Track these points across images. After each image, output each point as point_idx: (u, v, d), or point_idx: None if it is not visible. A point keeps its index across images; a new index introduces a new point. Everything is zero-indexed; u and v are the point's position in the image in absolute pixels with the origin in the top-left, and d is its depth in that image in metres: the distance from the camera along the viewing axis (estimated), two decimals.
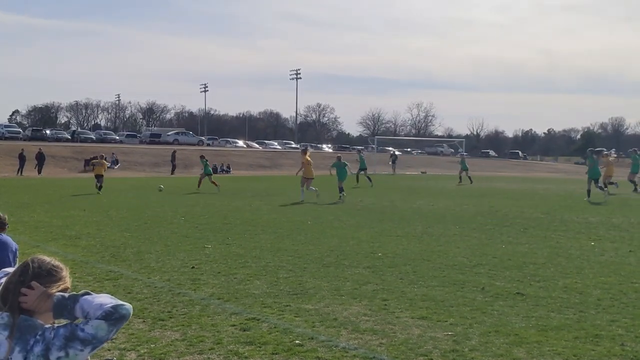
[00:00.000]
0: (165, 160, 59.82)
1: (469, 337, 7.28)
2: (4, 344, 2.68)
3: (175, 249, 13.25)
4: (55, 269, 2.94)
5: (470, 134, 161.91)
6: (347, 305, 8.71)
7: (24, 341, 2.68)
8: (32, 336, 2.69)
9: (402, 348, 6.87)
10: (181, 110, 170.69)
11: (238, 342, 7.02)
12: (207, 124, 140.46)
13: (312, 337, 7.21)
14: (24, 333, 2.70)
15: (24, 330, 2.70)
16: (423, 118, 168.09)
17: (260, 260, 12.10)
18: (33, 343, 2.68)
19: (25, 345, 2.67)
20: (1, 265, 5.10)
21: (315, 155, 76.78)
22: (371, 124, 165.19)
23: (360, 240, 14.87)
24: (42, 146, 52.05)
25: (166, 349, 6.82)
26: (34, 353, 2.66)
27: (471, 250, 13.58)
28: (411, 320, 8.02)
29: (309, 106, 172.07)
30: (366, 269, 11.31)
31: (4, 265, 5.07)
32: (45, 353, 2.65)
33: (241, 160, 66.33)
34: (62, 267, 2.97)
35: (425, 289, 9.79)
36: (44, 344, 2.67)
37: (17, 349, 2.66)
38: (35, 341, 2.68)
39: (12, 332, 2.69)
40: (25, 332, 2.70)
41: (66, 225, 17.10)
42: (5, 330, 2.70)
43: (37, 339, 2.69)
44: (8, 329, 2.70)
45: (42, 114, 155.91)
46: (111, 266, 11.42)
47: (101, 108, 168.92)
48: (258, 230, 16.48)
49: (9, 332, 2.69)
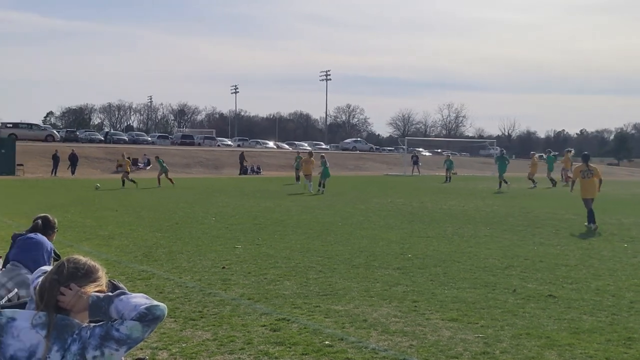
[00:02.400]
0: (196, 161, 60.21)
1: (500, 340, 7.24)
2: (42, 343, 2.72)
3: (206, 249, 13.33)
4: (91, 269, 2.97)
5: (501, 135, 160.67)
6: (377, 307, 8.70)
7: (61, 340, 2.72)
8: (70, 335, 2.73)
9: (433, 350, 6.85)
10: (212, 111, 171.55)
11: (268, 343, 7.04)
12: (237, 125, 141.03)
13: (342, 338, 7.21)
14: (62, 332, 2.73)
15: (61, 329, 2.74)
16: (454, 119, 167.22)
17: (290, 260, 12.13)
18: (70, 342, 2.71)
19: (63, 344, 2.71)
20: (35, 264, 5.17)
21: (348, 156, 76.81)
22: (401, 124, 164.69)
23: (390, 241, 14.84)
24: (75, 147, 52.65)
25: (197, 348, 6.87)
26: (71, 352, 2.69)
27: (502, 251, 13.49)
28: (441, 322, 7.99)
29: (339, 107, 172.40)
30: (396, 270, 11.28)
31: (38, 265, 5.14)
32: (82, 352, 2.69)
33: (271, 161, 66.49)
34: (98, 268, 3.00)
35: (456, 290, 9.75)
36: (80, 343, 2.70)
37: (54, 348, 2.70)
38: (72, 340, 2.72)
39: (50, 332, 2.73)
40: (62, 331, 2.74)
41: (99, 225, 17.28)
42: (43, 329, 2.74)
43: (74, 337, 2.72)
44: (45, 328, 2.74)
45: (75, 115, 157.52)
46: (143, 266, 11.53)
47: (133, 110, 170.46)
48: (288, 230, 16.52)
49: (46, 331, 2.74)
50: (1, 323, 2.80)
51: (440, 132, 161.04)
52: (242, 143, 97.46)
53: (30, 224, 5.95)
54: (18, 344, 2.75)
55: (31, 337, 2.75)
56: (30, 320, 2.78)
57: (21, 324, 2.79)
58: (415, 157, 63.89)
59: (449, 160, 48.31)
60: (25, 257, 5.28)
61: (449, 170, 46.60)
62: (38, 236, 5.51)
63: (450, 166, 46.89)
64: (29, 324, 2.77)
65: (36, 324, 2.77)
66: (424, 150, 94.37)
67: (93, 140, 78.10)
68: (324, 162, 33.31)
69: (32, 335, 2.75)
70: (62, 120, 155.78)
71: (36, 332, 2.75)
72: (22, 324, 2.79)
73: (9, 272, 5.22)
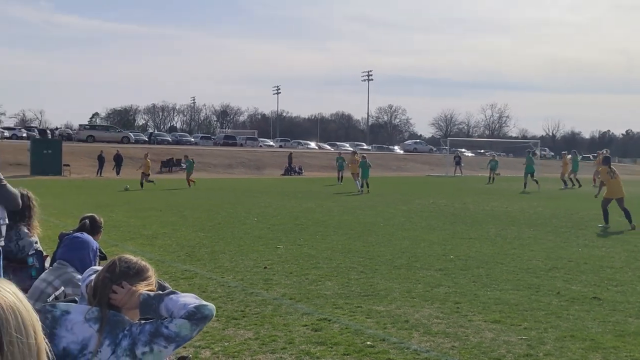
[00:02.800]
0: (239, 162, 60.58)
1: (543, 342, 7.17)
2: (94, 337, 2.79)
3: (248, 249, 13.41)
4: (142, 268, 3.06)
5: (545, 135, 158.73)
6: (418, 308, 8.68)
7: (113, 335, 2.79)
8: (121, 331, 2.80)
9: (475, 351, 6.81)
10: (254, 112, 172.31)
11: (310, 342, 7.07)
12: (279, 126, 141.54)
13: (384, 339, 7.21)
14: (113, 327, 2.81)
15: (113, 324, 2.81)
16: (497, 119, 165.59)
17: (332, 261, 12.15)
18: (121, 337, 2.78)
19: (114, 339, 2.78)
20: (81, 263, 5.26)
21: (389, 157, 76.63)
22: (443, 125, 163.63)
23: (432, 242, 14.78)
24: (120, 148, 53.34)
25: (239, 347, 6.92)
26: (122, 347, 2.76)
27: (546, 253, 13.35)
28: (484, 323, 7.94)
29: (381, 108, 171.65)
30: (438, 272, 11.24)
31: (84, 264, 5.23)
32: (132, 347, 2.75)
33: (313, 161, 66.61)
34: (148, 267, 3.09)
35: (499, 292, 9.68)
36: (131, 339, 2.77)
37: (106, 343, 2.77)
38: (123, 336, 2.79)
39: (102, 326, 2.80)
40: (114, 327, 2.81)
41: (143, 225, 17.50)
42: (96, 323, 2.82)
43: (125, 333, 2.79)
44: (98, 322, 2.82)
45: (120, 116, 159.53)
46: (186, 265, 11.65)
47: (177, 111, 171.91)
48: (329, 231, 16.54)
49: (99, 325, 2.81)
50: (55, 316, 2.87)
51: (483, 132, 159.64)
52: (284, 144, 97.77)
53: (77, 224, 6.06)
54: (71, 337, 2.83)
55: (84, 330, 2.82)
56: (84, 314, 2.86)
57: (75, 317, 2.86)
58: (458, 158, 63.39)
59: (493, 160, 47.90)
60: (72, 256, 5.37)
61: (493, 171, 46.17)
62: (84, 235, 5.60)
63: (495, 167, 46.51)
64: (82, 318, 2.85)
65: (89, 318, 2.84)
66: (467, 151, 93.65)
67: (137, 141, 79.04)
68: (363, 162, 33.39)
69: (85, 328, 2.82)
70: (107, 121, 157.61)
71: (89, 326, 2.82)
72: (76, 317, 2.86)
73: (55, 271, 5.32)
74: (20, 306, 1.42)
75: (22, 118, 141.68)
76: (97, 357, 2.78)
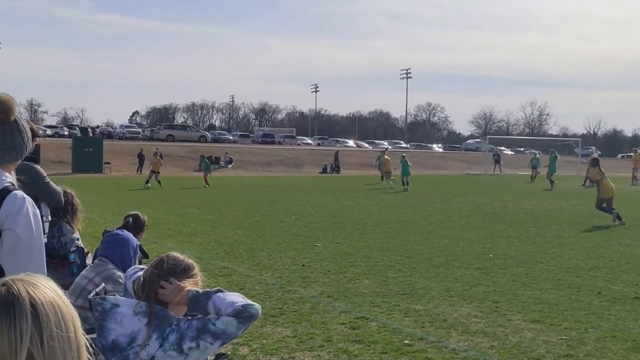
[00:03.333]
0: (277, 160, 60.76)
1: (584, 342, 7.09)
2: (142, 330, 2.86)
3: (286, 247, 13.46)
4: (189, 266, 3.14)
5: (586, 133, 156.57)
6: (457, 307, 8.64)
7: (160, 329, 2.85)
8: (168, 325, 2.86)
9: (514, 351, 6.76)
10: (292, 110, 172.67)
11: (347, 340, 7.08)
12: (317, 124, 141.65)
13: (422, 338, 7.19)
14: (161, 322, 2.87)
15: (160, 319, 2.88)
16: (537, 117, 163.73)
17: (370, 259, 12.14)
18: (169, 332, 2.84)
19: (162, 334, 2.84)
20: (122, 260, 5.33)
21: (428, 155, 76.28)
22: (483, 123, 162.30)
23: (470, 241, 14.68)
24: (159, 146, 53.81)
25: (277, 344, 6.95)
26: (169, 341, 2.82)
27: (587, 252, 13.19)
28: (523, 323, 7.88)
29: (419, 105, 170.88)
30: (477, 270, 11.17)
31: (124, 261, 5.30)
32: (179, 342, 2.81)
33: (351, 159, 66.50)
34: (194, 265, 3.18)
35: (539, 291, 9.59)
36: (178, 334, 2.83)
37: (154, 336, 2.83)
38: (170, 330, 2.85)
39: (151, 320, 2.87)
40: (162, 321, 2.87)
41: (182, 222, 17.65)
42: (145, 317, 2.88)
43: (173, 328, 2.85)
44: (147, 316, 2.88)
45: (160, 114, 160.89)
46: (225, 263, 11.72)
47: (216, 109, 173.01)
48: (367, 229, 16.53)
49: (147, 319, 2.87)
50: (105, 308, 2.94)
51: (523, 130, 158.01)
52: (322, 142, 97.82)
53: (121, 221, 6.15)
54: (120, 329, 2.89)
55: (133, 323, 2.88)
56: (133, 307, 2.92)
57: (124, 310, 2.93)
58: (497, 156, 62.80)
59: (535, 158, 47.30)
60: (112, 253, 5.44)
61: (535, 169, 45.58)
62: (124, 233, 5.67)
63: (537, 165, 45.88)
64: (131, 311, 2.91)
65: (138, 312, 2.90)
66: (506, 149, 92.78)
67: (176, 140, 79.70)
68: (403, 161, 33.37)
69: (134, 322, 2.88)
70: (147, 119, 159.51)
71: (138, 320, 2.88)
72: (125, 310, 2.93)
73: (96, 267, 5.39)
74: (60, 302, 1.45)
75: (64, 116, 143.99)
76: (145, 350, 2.83)
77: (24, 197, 3.30)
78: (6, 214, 3.22)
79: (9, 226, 3.22)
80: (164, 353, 2.82)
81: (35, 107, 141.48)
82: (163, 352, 2.82)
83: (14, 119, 3.37)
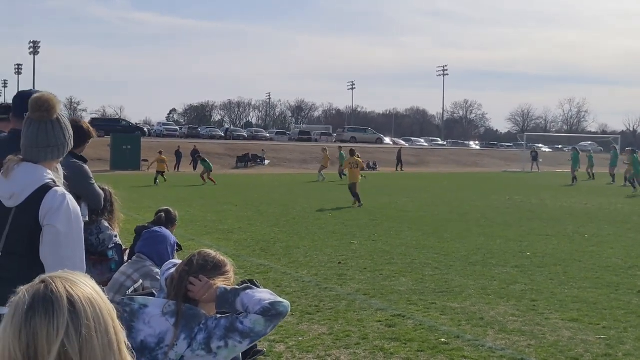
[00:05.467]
0: (313, 157, 60.74)
1: (623, 342, 7.00)
2: (170, 331, 2.85)
3: (323, 245, 13.48)
4: (220, 263, 3.12)
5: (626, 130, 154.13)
6: (494, 305, 8.58)
7: (189, 329, 2.85)
8: (197, 325, 2.85)
9: (552, 350, 6.70)
10: (329, 107, 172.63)
11: (384, 338, 7.08)
12: (353, 121, 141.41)
13: (458, 336, 7.16)
14: (189, 321, 2.86)
15: (189, 318, 2.87)
16: (575, 114, 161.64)
17: (406, 257, 12.11)
18: (197, 331, 2.84)
19: (190, 333, 2.83)
20: (160, 257, 5.40)
21: (464, 153, 75.76)
22: (520, 120, 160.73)
23: (507, 239, 14.57)
24: (196, 143, 54.17)
25: (313, 342, 6.97)
26: (197, 341, 2.81)
27: (626, 251, 13.02)
28: (561, 322, 7.81)
29: (456, 102, 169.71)
30: (514, 269, 11.08)
31: (162, 258, 5.36)
32: (207, 342, 2.80)
33: (387, 157, 66.25)
34: (226, 262, 3.15)
35: (577, 290, 9.49)
36: (206, 333, 2.82)
37: (182, 336, 2.83)
38: (199, 329, 2.84)
39: (178, 320, 2.87)
40: (190, 321, 2.86)
41: (219, 219, 17.76)
42: (173, 317, 2.88)
43: (201, 327, 2.84)
44: (175, 316, 2.88)
45: (197, 112, 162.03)
46: (261, 260, 11.78)
47: (252, 106, 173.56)
48: (404, 227, 16.48)
49: (175, 319, 2.88)
50: (133, 309, 2.95)
51: (561, 127, 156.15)
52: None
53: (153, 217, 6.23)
54: (148, 330, 2.90)
55: (161, 324, 2.88)
56: (162, 308, 2.92)
57: (153, 310, 2.93)
58: (535, 153, 62.08)
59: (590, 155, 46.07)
60: (150, 250, 5.51)
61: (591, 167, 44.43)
62: (162, 230, 5.74)
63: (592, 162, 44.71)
64: (160, 312, 2.91)
65: (166, 312, 2.91)
66: (544, 146, 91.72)
67: (214, 137, 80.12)
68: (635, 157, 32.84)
69: (162, 322, 2.88)
70: (184, 117, 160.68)
71: (166, 320, 2.88)
72: (154, 310, 2.93)
73: (134, 264, 5.46)
74: (98, 298, 1.48)
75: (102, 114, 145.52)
76: (174, 351, 2.83)
77: (65, 194, 3.35)
78: (47, 210, 3.28)
79: (49, 222, 3.28)
80: (193, 353, 2.82)
81: (74, 105, 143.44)
82: (191, 352, 2.82)
83: (56, 117, 3.43)
